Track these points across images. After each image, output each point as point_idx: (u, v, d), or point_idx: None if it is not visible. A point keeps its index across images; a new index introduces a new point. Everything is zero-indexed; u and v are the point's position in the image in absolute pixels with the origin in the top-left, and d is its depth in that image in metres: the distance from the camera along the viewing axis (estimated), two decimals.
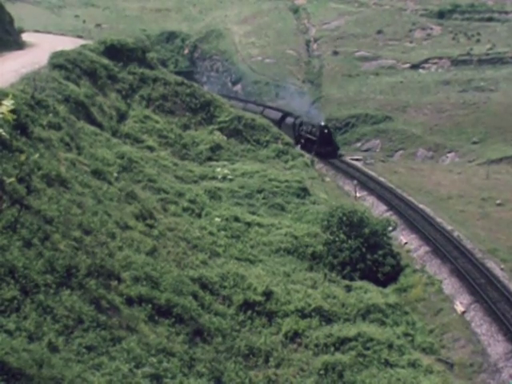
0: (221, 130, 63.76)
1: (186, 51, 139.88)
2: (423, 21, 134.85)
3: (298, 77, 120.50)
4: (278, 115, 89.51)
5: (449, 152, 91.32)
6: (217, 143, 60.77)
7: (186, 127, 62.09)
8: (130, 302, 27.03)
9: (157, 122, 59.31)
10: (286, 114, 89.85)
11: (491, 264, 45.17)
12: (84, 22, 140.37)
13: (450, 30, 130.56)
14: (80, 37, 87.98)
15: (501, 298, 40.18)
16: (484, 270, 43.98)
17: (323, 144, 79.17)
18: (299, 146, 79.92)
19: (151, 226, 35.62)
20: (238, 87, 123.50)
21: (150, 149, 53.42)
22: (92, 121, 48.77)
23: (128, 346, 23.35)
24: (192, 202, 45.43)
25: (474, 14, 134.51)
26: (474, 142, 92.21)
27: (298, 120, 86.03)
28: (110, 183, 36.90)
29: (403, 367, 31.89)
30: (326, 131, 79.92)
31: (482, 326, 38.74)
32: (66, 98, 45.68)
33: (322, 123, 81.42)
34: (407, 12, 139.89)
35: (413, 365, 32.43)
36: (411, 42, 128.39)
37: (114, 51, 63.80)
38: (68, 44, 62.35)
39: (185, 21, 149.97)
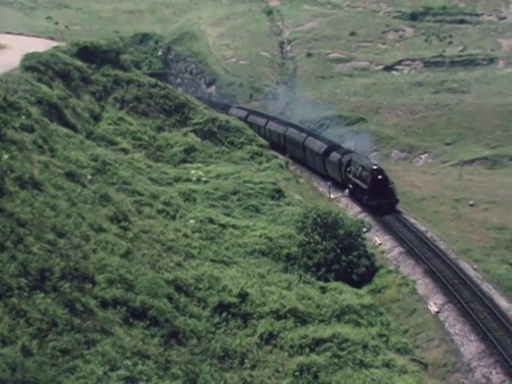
0: (195, 131, 63.59)
1: (160, 53, 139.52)
2: (396, 23, 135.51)
3: (272, 78, 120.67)
4: (321, 147, 70.13)
5: (422, 153, 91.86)
6: (191, 145, 60.59)
7: (160, 129, 61.87)
8: (104, 304, 26.93)
9: (131, 124, 59.07)
10: (331, 147, 69.38)
11: (464, 264, 45.50)
12: (56, 23, 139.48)
13: (423, 31, 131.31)
14: (52, 38, 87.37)
15: (474, 298, 40.48)
16: (457, 270, 44.28)
17: (376, 194, 56.82)
18: (347, 191, 62.39)
19: (126, 229, 35.48)
20: (212, 89, 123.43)
21: (124, 151, 53.20)
22: (65, 123, 48.51)
23: (103, 349, 23.27)
24: (166, 204, 45.29)
25: (446, 16, 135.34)
26: (447, 143, 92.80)
27: (346, 157, 64.09)
28: (83, 186, 36.73)
29: (378, 368, 32.00)
30: (379, 177, 57.00)
31: (456, 326, 38.98)
32: (38, 100, 45.43)
33: (375, 166, 58.87)
34: (380, 14, 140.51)
35: (387, 365, 32.56)
36: (384, 44, 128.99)
37: (87, 53, 63.48)
38: (40, 46, 61.92)
39: (158, 22, 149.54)
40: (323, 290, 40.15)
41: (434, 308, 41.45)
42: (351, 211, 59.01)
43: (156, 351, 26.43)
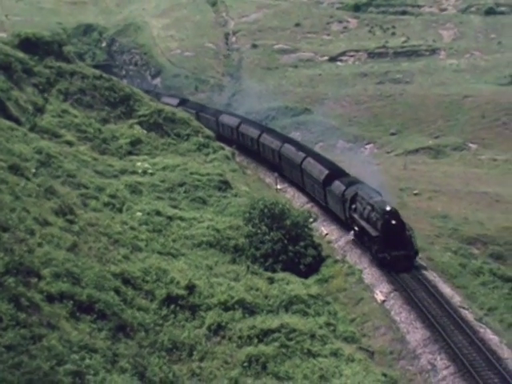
0: (141, 123, 63.10)
1: (104, 44, 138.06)
2: (340, 14, 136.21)
3: (218, 70, 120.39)
4: (321, 173, 55.52)
5: (367, 143, 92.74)
6: (137, 137, 60.15)
7: (105, 121, 61.28)
8: (50, 299, 26.65)
9: (75, 116, 58.38)
10: (334, 173, 54.43)
11: None
12: None
13: (366, 22, 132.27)
14: None
15: (418, 286, 41.03)
16: None
17: (389, 244, 44.31)
18: (352, 233, 49.59)
19: (71, 222, 35.13)
20: (158, 81, 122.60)
21: (69, 144, 52.61)
22: (8, 116, 47.78)
23: (49, 344, 23.04)
24: (113, 196, 44.96)
25: (389, 7, 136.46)
26: (392, 134, 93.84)
27: (351, 190, 49.92)
28: (27, 179, 36.25)
29: (325, 357, 32.32)
30: (393, 222, 44.25)
31: (401, 314, 39.48)
32: None
33: (387, 206, 45.00)
34: (324, 5, 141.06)
35: (335, 354, 32.89)
36: (329, 35, 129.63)
37: (30, 44, 62.46)
38: None
39: (101, 13, 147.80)
40: (271, 280, 40.31)
41: (380, 297, 41.91)
42: (298, 202, 59.29)
43: (103, 345, 26.25)
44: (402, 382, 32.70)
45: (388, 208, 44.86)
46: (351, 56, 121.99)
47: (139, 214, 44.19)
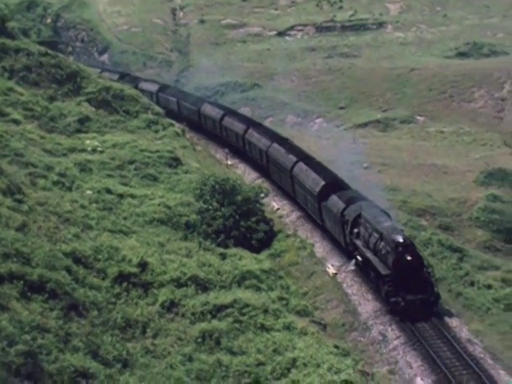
0: (89, 101, 62.34)
1: (49, 20, 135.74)
2: None
3: (166, 46, 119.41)
4: (316, 184, 46.25)
5: (317, 118, 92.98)
6: (85, 115, 59.44)
7: (52, 99, 60.38)
8: (0, 279, 26.38)
9: (21, 94, 57.41)
10: (331, 184, 45.47)
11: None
12: None
13: None
14: None
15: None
16: None
17: (403, 285, 35.71)
18: (353, 263, 41.48)
19: (20, 201, 34.69)
20: (105, 57, 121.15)
21: (16, 122, 51.75)
22: None
23: None
24: (62, 175, 44.51)
25: None
26: (341, 107, 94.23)
27: (353, 209, 41.12)
28: None
29: (278, 330, 32.60)
30: (408, 258, 35.75)
31: (353, 287, 39.98)
32: None
33: (400, 236, 36.34)
34: None
35: (288, 328, 33.18)
36: (276, 10, 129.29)
37: None
38: None
39: None
40: (223, 256, 40.41)
41: (331, 270, 42.34)
42: (248, 177, 59.35)
43: (56, 324, 26.10)
44: (354, 353, 33.14)
45: (401, 239, 35.97)
46: (299, 30, 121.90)
47: (89, 192, 43.85)
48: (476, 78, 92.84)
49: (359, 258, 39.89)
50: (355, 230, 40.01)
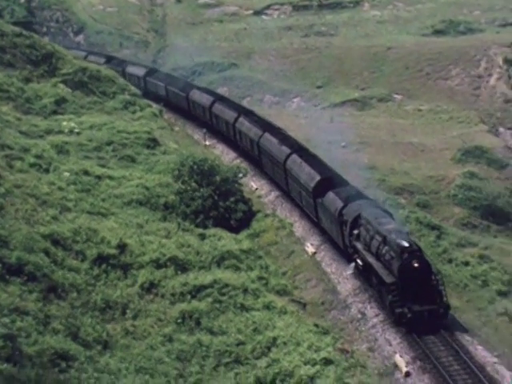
0: (65, 82, 61.92)
1: (23, 0, 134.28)
2: None
3: (142, 26, 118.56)
4: (311, 178, 43.30)
5: (294, 97, 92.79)
6: (61, 96, 59.01)
7: (27, 80, 59.90)
8: None
9: None
10: (327, 179, 42.53)
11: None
12: None
13: None
14: None
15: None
16: None
17: (411, 295, 32.81)
18: (353, 266, 38.71)
19: None
20: (81, 38, 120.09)
21: None
22: None
23: None
24: (39, 157, 44.22)
25: None
26: (318, 87, 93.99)
27: (352, 208, 38.10)
28: None
29: (258, 310, 32.73)
30: (416, 264, 32.82)
31: (332, 266, 40.15)
32: None
33: (405, 241, 33.28)
34: None
35: (267, 307, 33.31)
36: None
37: None
38: None
39: None
40: (202, 236, 40.43)
41: (311, 249, 42.46)
42: (227, 157, 59.28)
43: (35, 307, 26.07)
44: (333, 331, 33.33)
45: (407, 243, 32.97)
46: (276, 9, 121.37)
47: (67, 174, 43.61)
48: (452, 55, 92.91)
49: (359, 261, 36.92)
50: (355, 232, 37.11)
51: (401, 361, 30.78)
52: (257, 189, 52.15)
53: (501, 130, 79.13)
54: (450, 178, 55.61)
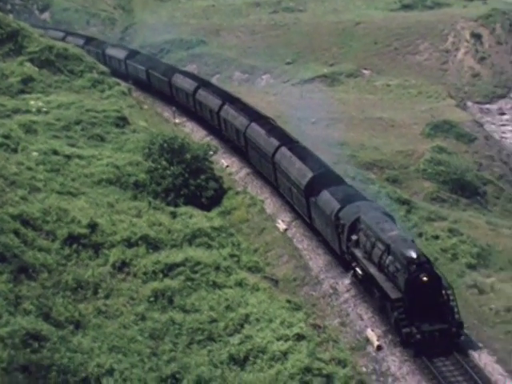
0: (31, 60, 61.20)
1: None
2: None
3: (109, 3, 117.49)
4: (303, 175, 39.46)
5: (264, 74, 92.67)
6: (28, 75, 58.37)
7: None
8: None
9: None
10: (321, 176, 38.68)
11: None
12: None
13: None
14: None
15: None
16: None
17: (419, 313, 29.37)
18: (351, 274, 35.20)
19: None
20: (46, 15, 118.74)
21: None
22: None
23: None
24: (6, 137, 43.79)
25: None
26: (288, 63, 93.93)
27: (350, 211, 34.55)
28: None
29: (231, 287, 32.78)
30: (424, 278, 29.25)
31: (304, 242, 40.30)
32: None
33: (413, 251, 29.64)
34: None
35: (240, 284, 33.36)
36: None
37: None
38: None
39: None
40: (173, 215, 40.36)
41: (282, 226, 42.58)
42: (197, 135, 59.12)
43: (5, 288, 25.92)
44: (305, 307, 33.51)
45: (415, 254, 29.38)
46: None
47: (35, 153, 43.26)
48: (420, 30, 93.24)
49: (359, 270, 33.51)
50: (353, 237, 33.56)
51: (372, 335, 31.08)
52: (227, 166, 52.12)
53: (469, 104, 79.78)
54: (420, 152, 55.97)
